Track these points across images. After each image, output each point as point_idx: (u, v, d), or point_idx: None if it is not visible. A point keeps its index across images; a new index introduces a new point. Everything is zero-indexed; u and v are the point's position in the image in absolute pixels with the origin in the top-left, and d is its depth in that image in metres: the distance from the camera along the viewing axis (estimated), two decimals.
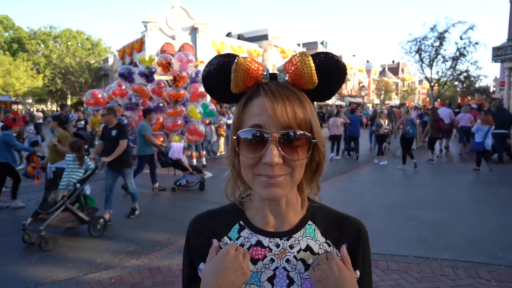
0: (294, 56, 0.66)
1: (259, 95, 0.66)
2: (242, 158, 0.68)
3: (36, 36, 42.93)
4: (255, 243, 0.75)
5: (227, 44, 28.12)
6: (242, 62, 0.65)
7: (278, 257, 0.74)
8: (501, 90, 21.84)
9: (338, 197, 6.43)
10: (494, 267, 3.63)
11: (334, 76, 0.69)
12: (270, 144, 0.63)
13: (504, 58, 12.52)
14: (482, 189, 7.04)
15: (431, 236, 4.59)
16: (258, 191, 0.68)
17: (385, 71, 57.50)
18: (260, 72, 0.67)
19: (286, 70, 0.67)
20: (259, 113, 0.65)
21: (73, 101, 40.09)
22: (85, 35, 46.44)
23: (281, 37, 35.24)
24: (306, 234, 0.76)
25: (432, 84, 16.80)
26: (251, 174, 0.67)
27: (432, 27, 15.63)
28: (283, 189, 0.66)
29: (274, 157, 0.63)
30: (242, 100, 0.69)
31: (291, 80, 0.67)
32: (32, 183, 6.99)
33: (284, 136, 0.64)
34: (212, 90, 0.73)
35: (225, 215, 0.80)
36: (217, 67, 0.69)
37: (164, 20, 25.55)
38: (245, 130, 0.66)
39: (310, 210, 0.79)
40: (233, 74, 0.66)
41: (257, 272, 0.73)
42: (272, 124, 0.64)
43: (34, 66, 40.02)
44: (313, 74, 0.65)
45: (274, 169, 0.64)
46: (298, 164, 0.67)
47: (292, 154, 0.65)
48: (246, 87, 0.68)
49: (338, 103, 37.90)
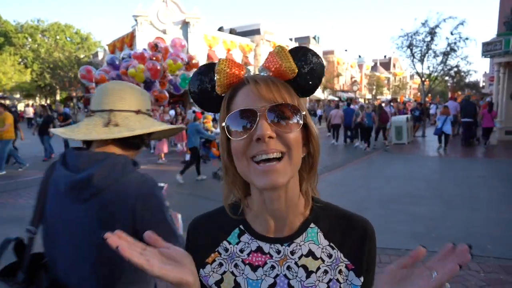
0: (271, 52, 0.69)
1: (244, 85, 0.67)
2: (233, 144, 0.66)
3: (23, 30, 41.94)
4: (255, 249, 0.72)
5: (219, 39, 27.87)
6: (223, 64, 0.67)
7: (278, 264, 0.71)
8: (491, 85, 22.18)
9: (331, 192, 6.49)
10: (483, 259, 3.71)
11: (312, 69, 0.69)
12: (260, 119, 0.63)
13: (494, 53, 12.68)
14: (474, 184, 7.16)
15: (422, 229, 4.66)
16: (254, 181, 0.65)
17: (377, 66, 57.80)
18: (242, 73, 0.69)
19: (267, 67, 0.68)
20: (244, 98, 0.66)
21: (62, 96, 39.45)
22: (74, 29, 45.53)
23: (274, 32, 35.08)
24: (308, 239, 0.72)
25: (423, 79, 16.93)
26: (245, 161, 0.65)
27: (423, 22, 15.70)
28: (281, 175, 0.63)
29: (266, 129, 0.62)
30: (227, 94, 0.70)
31: (273, 75, 0.68)
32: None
33: (272, 109, 0.64)
34: (202, 104, 0.74)
35: (224, 218, 0.76)
36: (199, 82, 0.71)
37: (155, 14, 25.19)
38: (232, 114, 0.66)
39: (314, 211, 0.74)
40: (216, 75, 0.68)
41: (257, 280, 0.70)
42: (259, 102, 0.64)
43: (21, 61, 39.18)
44: (291, 62, 0.67)
45: (269, 144, 0.62)
46: (293, 141, 0.64)
47: (284, 128, 0.64)
48: (230, 87, 0.69)
49: (330, 97, 38.01)
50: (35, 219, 1.20)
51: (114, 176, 1.11)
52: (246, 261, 0.72)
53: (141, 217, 1.09)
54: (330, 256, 0.72)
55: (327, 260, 0.71)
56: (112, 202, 1.10)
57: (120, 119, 1.18)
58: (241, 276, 0.72)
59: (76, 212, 1.11)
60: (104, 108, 1.19)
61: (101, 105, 1.19)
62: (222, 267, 0.74)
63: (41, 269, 1.18)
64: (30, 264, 1.18)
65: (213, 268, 0.74)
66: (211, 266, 0.74)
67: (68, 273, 1.14)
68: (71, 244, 1.13)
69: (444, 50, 15.68)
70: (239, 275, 0.72)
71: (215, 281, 0.73)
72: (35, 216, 1.20)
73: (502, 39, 12.13)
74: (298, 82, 0.69)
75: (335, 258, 0.72)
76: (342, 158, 10.82)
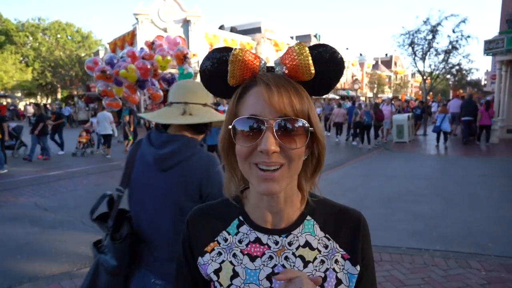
0: (290, 48, 0.66)
1: (256, 85, 0.66)
2: (237, 148, 0.67)
3: (24, 28, 41.95)
4: (254, 240, 0.74)
5: (220, 37, 27.84)
6: (238, 53, 0.65)
7: (276, 255, 0.73)
8: (492, 83, 22.11)
9: (332, 190, 6.49)
10: (484, 257, 3.71)
11: (331, 68, 0.68)
12: (266, 131, 0.63)
13: (496, 51, 12.62)
14: (474, 182, 7.15)
15: (423, 227, 4.66)
16: (254, 186, 0.67)
17: (378, 64, 57.65)
18: (257, 64, 0.67)
19: (283, 63, 0.67)
20: (255, 102, 0.65)
21: (63, 94, 39.48)
22: (74, 27, 45.50)
23: (274, 30, 35.01)
24: (305, 230, 0.75)
25: (424, 78, 16.88)
26: (247, 164, 0.66)
27: (425, 20, 15.63)
28: (280, 184, 0.65)
29: (271, 145, 0.62)
30: (238, 91, 0.69)
31: (289, 72, 0.66)
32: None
33: (280, 123, 0.63)
34: (209, 84, 0.73)
35: (225, 209, 0.79)
36: (215, 61, 0.69)
37: (155, 13, 25.16)
38: (241, 119, 0.65)
39: (309, 205, 0.77)
40: (230, 65, 0.66)
41: (255, 270, 0.72)
42: (268, 112, 0.63)
43: (22, 59, 39.22)
44: (310, 64, 0.65)
45: (271, 157, 0.63)
46: (295, 155, 0.65)
47: (289, 143, 0.64)
48: (243, 79, 0.67)
49: (331, 96, 37.97)
50: (123, 182, 1.58)
51: (188, 153, 1.46)
52: (245, 251, 0.74)
53: (205, 187, 1.44)
54: (326, 247, 0.75)
55: (323, 251, 0.74)
56: (185, 173, 1.44)
57: (193, 110, 1.51)
58: (240, 266, 0.73)
59: (159, 179, 1.46)
60: (180, 100, 1.53)
61: (178, 98, 1.54)
62: (221, 256, 0.75)
63: (124, 220, 1.54)
64: (117, 215, 1.56)
65: (212, 257, 0.75)
66: (210, 255, 0.76)
67: (150, 226, 1.49)
68: (154, 203, 1.47)
69: (446, 48, 15.62)
70: (237, 264, 0.73)
71: (214, 270, 0.74)
72: (123, 180, 1.58)
73: (504, 37, 12.07)
74: (314, 81, 0.67)
75: (331, 249, 0.75)
76: (344, 157, 10.81)
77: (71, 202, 6.09)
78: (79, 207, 5.82)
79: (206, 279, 0.77)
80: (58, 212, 5.58)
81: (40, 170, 9.04)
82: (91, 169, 9.20)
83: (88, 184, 7.45)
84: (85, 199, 6.28)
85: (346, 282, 0.73)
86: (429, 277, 3.32)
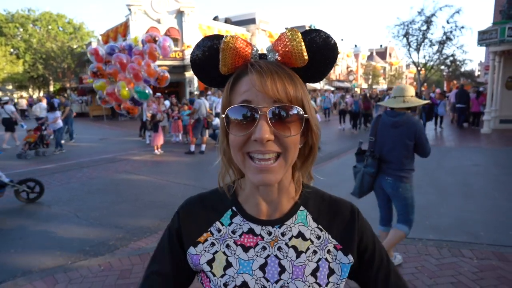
0: (283, 34, 0.64)
1: (248, 72, 0.64)
2: (231, 138, 0.65)
3: (14, 20, 41.10)
4: (247, 231, 0.74)
5: (214, 28, 27.53)
6: (230, 40, 0.63)
7: (270, 245, 0.73)
8: (486, 74, 22.22)
9: (326, 181, 6.50)
10: (476, 245, 3.76)
11: (324, 54, 0.66)
12: (260, 119, 0.61)
13: (489, 42, 12.64)
14: (468, 172, 7.22)
15: (417, 217, 4.70)
16: (249, 177, 0.65)
17: (373, 56, 57.53)
18: (249, 51, 0.65)
19: (275, 49, 0.65)
20: (248, 89, 0.63)
21: (56, 87, 38.93)
22: (66, 18, 44.63)
23: (269, 21, 34.71)
24: (298, 221, 0.75)
25: (419, 69, 16.92)
26: (241, 155, 0.65)
27: (419, 11, 15.64)
28: (275, 174, 0.64)
29: (265, 133, 0.60)
30: (231, 79, 0.67)
31: (281, 59, 0.65)
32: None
33: (274, 111, 0.62)
34: (201, 73, 0.70)
35: (218, 200, 0.78)
36: (206, 49, 0.67)
37: (149, 3, 24.76)
38: (234, 107, 0.64)
39: (303, 195, 0.77)
40: (221, 53, 0.64)
41: (248, 260, 0.72)
42: (262, 99, 0.62)
43: (13, 51, 38.52)
44: (303, 50, 0.63)
45: (266, 145, 0.62)
46: (291, 143, 0.64)
47: (284, 130, 0.63)
48: (235, 67, 0.65)
49: (326, 87, 37.91)
50: (372, 133, 3.30)
51: (408, 120, 3.06)
52: (238, 242, 0.74)
53: (418, 137, 3.03)
54: (319, 238, 0.75)
55: (315, 241, 0.74)
56: (407, 129, 3.04)
57: (408, 99, 3.08)
58: (233, 256, 0.73)
59: (394, 132, 3.11)
60: (401, 94, 3.11)
61: (399, 93, 3.12)
62: (214, 247, 0.74)
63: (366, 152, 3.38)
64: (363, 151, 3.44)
65: (205, 248, 0.75)
66: (203, 245, 0.75)
67: (389, 153, 3.15)
68: (391, 142, 3.12)
69: (440, 39, 15.66)
70: (230, 255, 0.73)
71: (207, 260, 0.74)
72: (372, 132, 3.31)
73: (497, 27, 12.08)
74: (307, 67, 0.66)
75: (323, 239, 0.75)
76: (340, 148, 10.84)
77: (65, 196, 6.05)
78: (73, 200, 5.79)
79: (192, 269, 0.76)
80: (52, 205, 5.55)
81: (32, 164, 8.96)
82: (84, 162, 9.15)
83: (81, 178, 7.40)
84: (79, 192, 6.24)
85: (338, 272, 0.74)
86: (422, 266, 3.37)
